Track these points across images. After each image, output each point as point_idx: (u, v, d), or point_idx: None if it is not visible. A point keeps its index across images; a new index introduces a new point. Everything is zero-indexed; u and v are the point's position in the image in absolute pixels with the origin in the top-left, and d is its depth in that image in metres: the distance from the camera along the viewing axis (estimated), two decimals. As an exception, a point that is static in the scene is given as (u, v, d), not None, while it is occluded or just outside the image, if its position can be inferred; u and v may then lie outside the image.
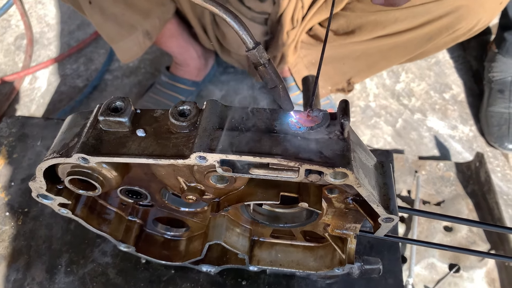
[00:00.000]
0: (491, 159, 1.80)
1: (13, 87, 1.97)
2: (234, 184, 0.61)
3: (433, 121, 1.91)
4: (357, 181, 0.53)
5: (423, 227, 1.56)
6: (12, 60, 2.11)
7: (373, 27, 1.33)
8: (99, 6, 1.35)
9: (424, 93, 2.00)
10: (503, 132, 1.79)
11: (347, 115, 0.53)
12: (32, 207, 0.93)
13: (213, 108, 0.57)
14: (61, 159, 0.57)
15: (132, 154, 0.55)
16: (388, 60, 1.48)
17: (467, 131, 1.88)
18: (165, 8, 1.51)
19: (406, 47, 1.37)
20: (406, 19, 1.25)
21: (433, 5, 1.18)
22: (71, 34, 2.20)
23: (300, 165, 0.51)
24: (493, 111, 1.82)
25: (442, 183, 1.68)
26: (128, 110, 0.58)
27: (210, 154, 0.52)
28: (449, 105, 1.96)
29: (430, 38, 1.29)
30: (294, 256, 0.81)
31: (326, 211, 0.70)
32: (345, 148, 0.53)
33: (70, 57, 2.09)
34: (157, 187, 0.71)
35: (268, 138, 0.54)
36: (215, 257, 0.83)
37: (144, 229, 0.83)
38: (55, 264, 0.86)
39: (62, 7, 2.33)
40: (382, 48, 1.41)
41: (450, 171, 1.70)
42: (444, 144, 1.84)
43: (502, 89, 1.83)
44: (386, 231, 0.62)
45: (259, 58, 0.53)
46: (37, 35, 2.20)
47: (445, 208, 1.61)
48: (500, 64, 1.85)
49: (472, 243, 1.52)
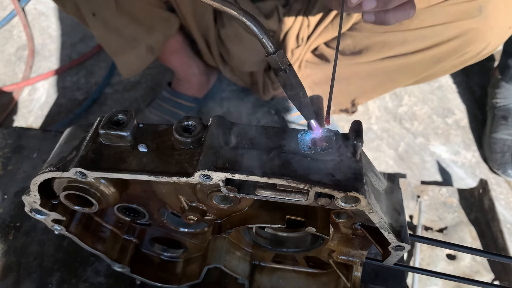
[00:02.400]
0: (494, 186, 1.78)
1: (11, 97, 1.94)
2: (238, 205, 0.58)
3: (436, 146, 1.89)
4: (369, 206, 0.50)
5: (425, 254, 1.53)
6: (12, 70, 2.10)
7: (380, 48, 1.32)
8: (103, 19, 1.34)
9: (427, 117, 1.99)
10: (506, 159, 1.77)
11: (360, 136, 0.50)
12: (24, 221, 0.90)
13: (219, 125, 0.55)
14: (58, 173, 0.54)
15: (132, 170, 0.52)
16: (394, 82, 1.47)
17: (469, 157, 1.86)
18: (169, 23, 1.50)
19: (413, 69, 1.35)
20: (414, 41, 1.24)
21: (442, 27, 1.17)
22: (73, 46, 2.20)
23: (310, 188, 0.49)
24: (496, 138, 1.81)
25: (444, 209, 1.65)
26: (131, 124, 0.55)
27: (215, 173, 0.49)
28: (452, 130, 1.94)
29: (438, 61, 1.28)
30: (296, 282, 0.77)
31: (332, 237, 0.67)
32: (358, 172, 0.50)
33: (71, 69, 2.08)
34: (156, 205, 0.68)
35: (276, 158, 0.51)
36: (214, 281, 0.80)
37: (140, 249, 0.79)
38: (45, 283, 0.82)
39: (65, 20, 2.33)
40: (389, 69, 1.40)
41: (453, 197, 1.67)
42: (447, 170, 1.82)
43: (506, 116, 1.82)
44: (396, 259, 0.59)
45: (280, 63, 0.51)
46: (39, 46, 2.19)
47: (448, 235, 1.57)
48: (503, 91, 1.84)
49: (476, 273, 1.48)
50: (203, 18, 1.47)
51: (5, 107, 1.90)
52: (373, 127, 1.92)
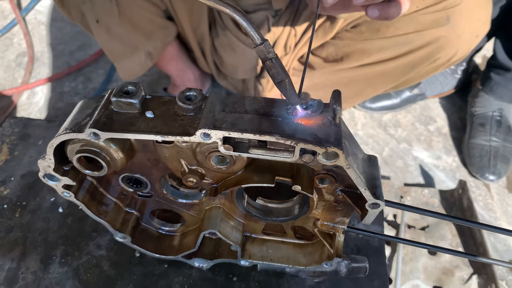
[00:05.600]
0: (474, 189, 1.87)
1: (11, 101, 2.01)
2: (233, 166, 0.66)
3: (418, 151, 1.98)
4: (347, 162, 0.58)
5: (408, 250, 1.60)
6: (11, 75, 2.16)
7: (360, 54, 1.42)
8: (106, 25, 1.42)
9: (410, 124, 2.09)
10: (484, 163, 1.86)
11: (339, 102, 0.58)
12: (30, 201, 0.96)
13: (217, 95, 0.63)
14: (74, 134, 0.61)
15: (141, 131, 0.59)
16: (374, 87, 1.57)
17: (450, 162, 1.95)
18: (167, 31, 1.59)
19: (391, 74, 1.45)
20: (390, 48, 1.35)
21: (415, 35, 1.28)
22: (71, 54, 2.27)
23: (296, 144, 0.56)
24: (474, 143, 1.91)
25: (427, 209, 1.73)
26: (139, 93, 0.63)
27: (214, 131, 0.57)
28: (434, 137, 2.04)
29: (413, 67, 1.38)
30: (285, 252, 0.84)
31: (316, 205, 0.75)
32: (337, 132, 0.58)
33: (69, 75, 2.15)
34: (158, 174, 0.75)
35: (267, 120, 0.59)
36: (208, 252, 0.86)
37: (140, 222, 0.86)
38: (50, 255, 0.87)
39: (64, 29, 2.41)
40: (369, 75, 1.50)
41: (434, 197, 1.76)
42: (429, 173, 1.91)
43: (484, 123, 1.93)
44: (373, 218, 0.67)
45: (267, 53, 0.59)
46: (38, 53, 2.27)
47: (430, 233, 1.65)
48: (482, 100, 1.96)
49: (456, 267, 1.55)
50: (199, 27, 1.57)
51: (4, 110, 1.95)
52: (359, 133, 2.01)
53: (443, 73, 2.06)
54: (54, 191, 0.94)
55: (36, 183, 0.99)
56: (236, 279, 0.87)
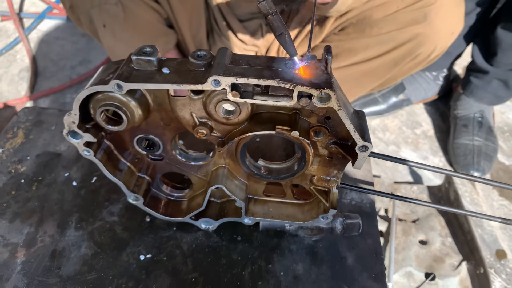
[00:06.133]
0: (460, 186, 1.95)
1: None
2: (238, 116, 0.75)
3: (406, 152, 2.08)
4: (338, 103, 0.67)
5: (400, 241, 1.67)
6: (15, 88, 2.25)
7: (348, 54, 1.55)
8: (112, 30, 1.53)
9: (398, 128, 2.20)
10: (468, 161, 1.97)
11: (330, 53, 0.68)
12: (46, 176, 1.03)
13: (224, 52, 0.72)
14: (99, 86, 0.70)
15: (159, 82, 0.68)
16: (361, 86, 1.68)
17: (437, 162, 2.05)
18: (168, 38, 1.70)
19: (376, 72, 1.57)
20: (375, 46, 1.47)
21: (396, 32, 1.40)
22: (73, 69, 2.38)
23: (294, 87, 0.66)
24: (459, 143, 2.02)
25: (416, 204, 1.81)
26: (156, 53, 0.72)
27: (224, 78, 0.66)
28: (420, 139, 2.15)
29: (396, 63, 1.50)
30: (284, 210, 0.92)
31: (312, 161, 0.83)
32: (329, 78, 0.68)
33: (71, 87, 2.24)
34: (170, 135, 0.83)
35: (269, 70, 0.68)
36: (214, 213, 0.93)
37: (151, 188, 0.93)
38: (66, 221, 0.94)
39: (66, 46, 2.53)
40: (356, 75, 1.62)
41: (423, 193, 1.85)
42: (417, 172, 2.00)
43: (466, 124, 2.05)
44: (363, 162, 0.75)
45: (269, 8, 0.69)
46: (41, 68, 2.37)
47: (420, 224, 1.73)
48: (464, 103, 2.08)
49: (446, 255, 1.62)
50: (198, 35, 1.69)
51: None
52: (349, 136, 2.11)
53: (426, 79, 2.19)
54: (68, 167, 1.02)
55: (51, 161, 1.06)
56: (240, 238, 0.94)
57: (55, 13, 2.72)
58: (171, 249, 0.91)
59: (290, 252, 0.93)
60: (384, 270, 0.92)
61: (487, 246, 1.76)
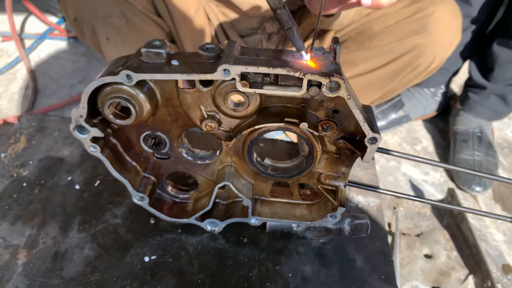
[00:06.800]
0: (462, 201, 1.95)
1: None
2: (247, 109, 0.74)
3: (407, 168, 2.08)
4: (347, 92, 0.67)
5: (404, 255, 1.64)
6: (15, 106, 2.25)
7: (348, 66, 1.56)
8: (115, 43, 1.55)
9: (398, 145, 2.21)
10: (470, 176, 1.96)
11: (338, 43, 0.69)
12: (48, 180, 1.01)
13: (232, 44, 0.73)
14: (109, 78, 0.70)
15: (168, 73, 0.68)
16: (362, 99, 1.69)
17: (438, 177, 2.05)
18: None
19: (376, 84, 1.59)
20: (375, 57, 1.49)
21: (396, 44, 1.43)
22: (72, 87, 2.39)
23: (304, 76, 0.66)
24: (459, 158, 2.02)
25: (419, 218, 1.80)
26: (165, 46, 0.72)
27: (233, 66, 0.66)
28: (421, 155, 2.15)
29: (396, 75, 1.52)
30: (291, 210, 0.90)
31: (319, 158, 0.82)
32: (337, 68, 0.68)
33: (71, 104, 2.25)
34: (177, 132, 0.83)
35: (278, 60, 0.69)
36: (219, 215, 0.91)
37: (156, 189, 0.92)
38: (69, 223, 0.92)
39: (66, 66, 2.54)
40: (357, 87, 1.63)
41: (426, 207, 1.83)
42: (419, 187, 1.99)
43: (466, 139, 2.05)
44: (372, 154, 0.75)
45: (277, 2, 0.70)
46: (41, 87, 2.38)
47: (424, 238, 1.71)
48: (463, 118, 2.10)
49: (452, 269, 1.60)
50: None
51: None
52: (350, 152, 2.11)
53: (424, 96, 2.21)
54: (70, 171, 1.01)
55: (53, 166, 1.05)
56: (246, 240, 0.92)
57: (56, 34, 2.75)
58: (176, 251, 0.89)
59: (298, 254, 0.91)
60: (394, 271, 0.90)
61: (492, 260, 1.74)
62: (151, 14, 1.55)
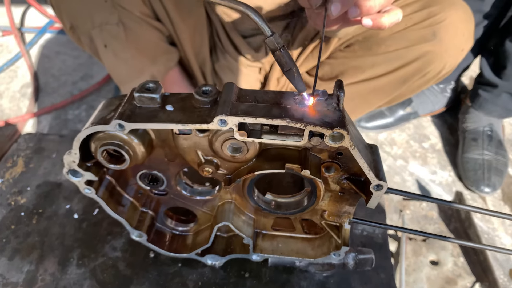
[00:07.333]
0: (470, 201, 1.91)
1: (16, 129, 2.06)
2: (246, 155, 0.71)
3: (415, 167, 2.04)
4: (352, 143, 0.63)
5: (410, 261, 1.63)
6: (16, 105, 2.23)
7: (354, 71, 1.51)
8: (113, 50, 1.50)
9: (405, 142, 2.16)
10: (478, 176, 1.92)
11: (342, 88, 0.65)
12: (46, 208, 0.99)
13: (230, 88, 0.69)
14: (100, 126, 0.66)
15: (163, 121, 0.65)
16: (368, 103, 1.64)
17: (446, 176, 2.01)
18: (170, 56, 1.67)
19: (384, 90, 1.53)
20: (382, 64, 1.43)
21: (405, 50, 1.37)
22: (74, 84, 2.35)
23: (305, 127, 0.62)
24: (468, 157, 1.97)
25: (426, 222, 1.77)
26: (159, 89, 0.69)
27: (230, 117, 0.63)
28: (428, 153, 2.11)
29: (404, 81, 1.46)
30: (294, 246, 0.88)
31: (323, 196, 0.79)
32: (341, 116, 0.64)
33: (73, 104, 2.22)
34: (175, 170, 0.80)
35: (277, 108, 0.65)
36: (220, 249, 0.89)
37: (155, 222, 0.90)
38: (67, 258, 0.90)
39: (67, 61, 2.50)
40: (363, 92, 1.58)
41: (432, 210, 1.81)
42: (426, 188, 1.96)
43: (476, 138, 2.00)
44: (377, 200, 0.72)
45: (276, 44, 0.66)
46: (42, 84, 2.34)
47: (430, 243, 1.68)
48: (473, 116, 2.04)
49: (458, 276, 1.58)
50: (201, 52, 1.66)
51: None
52: (356, 151, 2.07)
53: (433, 92, 2.15)
54: (69, 198, 0.99)
55: (51, 192, 1.03)
56: (248, 275, 0.90)
57: (56, 27, 2.70)
58: (177, 287, 0.87)
59: (301, 288, 0.89)
60: (399, 306, 0.88)
61: (500, 265, 1.71)
62: (150, 19, 1.49)
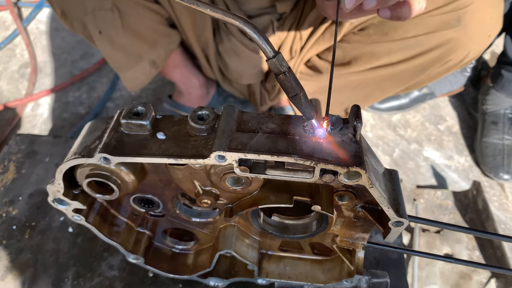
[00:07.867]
0: (488, 189, 1.83)
1: (15, 113, 1.99)
2: (249, 187, 0.63)
3: (429, 151, 1.95)
4: (370, 181, 0.55)
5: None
6: (15, 87, 2.15)
7: (369, 58, 1.39)
8: (109, 36, 1.40)
9: (420, 124, 2.06)
10: (498, 162, 1.83)
11: (359, 117, 0.56)
12: (39, 221, 0.94)
13: (230, 113, 0.60)
14: (83, 159, 0.58)
15: (153, 155, 0.57)
16: (383, 90, 1.53)
17: (462, 161, 1.92)
18: (171, 39, 1.56)
19: (400, 77, 1.42)
20: (399, 51, 1.31)
21: (425, 37, 1.24)
22: (74, 63, 2.26)
23: (316, 165, 0.54)
24: (487, 142, 1.87)
25: (440, 211, 1.70)
26: (149, 114, 0.60)
27: (229, 153, 0.54)
28: (444, 136, 2.01)
29: (423, 69, 1.35)
30: (302, 269, 0.81)
31: (335, 221, 0.72)
32: (358, 149, 0.55)
33: (73, 85, 2.13)
34: (171, 195, 0.72)
35: (284, 140, 0.56)
36: (223, 270, 0.83)
37: (153, 241, 0.84)
38: (62, 277, 0.85)
39: (66, 38, 2.40)
40: (378, 78, 1.47)
41: (448, 199, 1.72)
42: (441, 174, 1.87)
43: (496, 121, 1.89)
44: (396, 236, 0.64)
45: (279, 66, 0.54)
46: (41, 64, 2.25)
47: (445, 236, 1.62)
48: (494, 97, 1.92)
49: (473, 271, 1.52)
50: (203, 34, 1.54)
51: (9, 122, 1.94)
52: (368, 135, 1.98)
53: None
54: (63, 210, 0.92)
55: (44, 202, 0.97)
56: (253, 297, 0.84)
57: (54, 0, 2.57)
58: (177, 311, 0.82)
59: (309, 312, 0.83)
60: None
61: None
62: (147, 2, 1.38)
